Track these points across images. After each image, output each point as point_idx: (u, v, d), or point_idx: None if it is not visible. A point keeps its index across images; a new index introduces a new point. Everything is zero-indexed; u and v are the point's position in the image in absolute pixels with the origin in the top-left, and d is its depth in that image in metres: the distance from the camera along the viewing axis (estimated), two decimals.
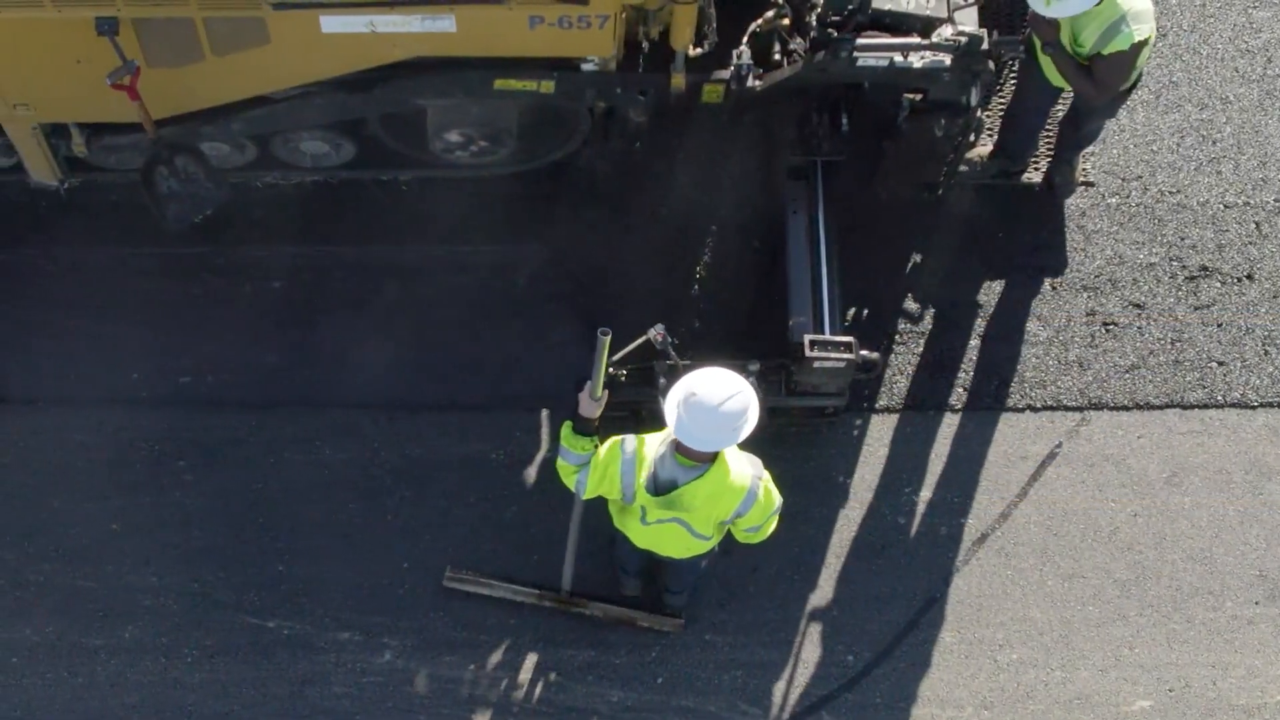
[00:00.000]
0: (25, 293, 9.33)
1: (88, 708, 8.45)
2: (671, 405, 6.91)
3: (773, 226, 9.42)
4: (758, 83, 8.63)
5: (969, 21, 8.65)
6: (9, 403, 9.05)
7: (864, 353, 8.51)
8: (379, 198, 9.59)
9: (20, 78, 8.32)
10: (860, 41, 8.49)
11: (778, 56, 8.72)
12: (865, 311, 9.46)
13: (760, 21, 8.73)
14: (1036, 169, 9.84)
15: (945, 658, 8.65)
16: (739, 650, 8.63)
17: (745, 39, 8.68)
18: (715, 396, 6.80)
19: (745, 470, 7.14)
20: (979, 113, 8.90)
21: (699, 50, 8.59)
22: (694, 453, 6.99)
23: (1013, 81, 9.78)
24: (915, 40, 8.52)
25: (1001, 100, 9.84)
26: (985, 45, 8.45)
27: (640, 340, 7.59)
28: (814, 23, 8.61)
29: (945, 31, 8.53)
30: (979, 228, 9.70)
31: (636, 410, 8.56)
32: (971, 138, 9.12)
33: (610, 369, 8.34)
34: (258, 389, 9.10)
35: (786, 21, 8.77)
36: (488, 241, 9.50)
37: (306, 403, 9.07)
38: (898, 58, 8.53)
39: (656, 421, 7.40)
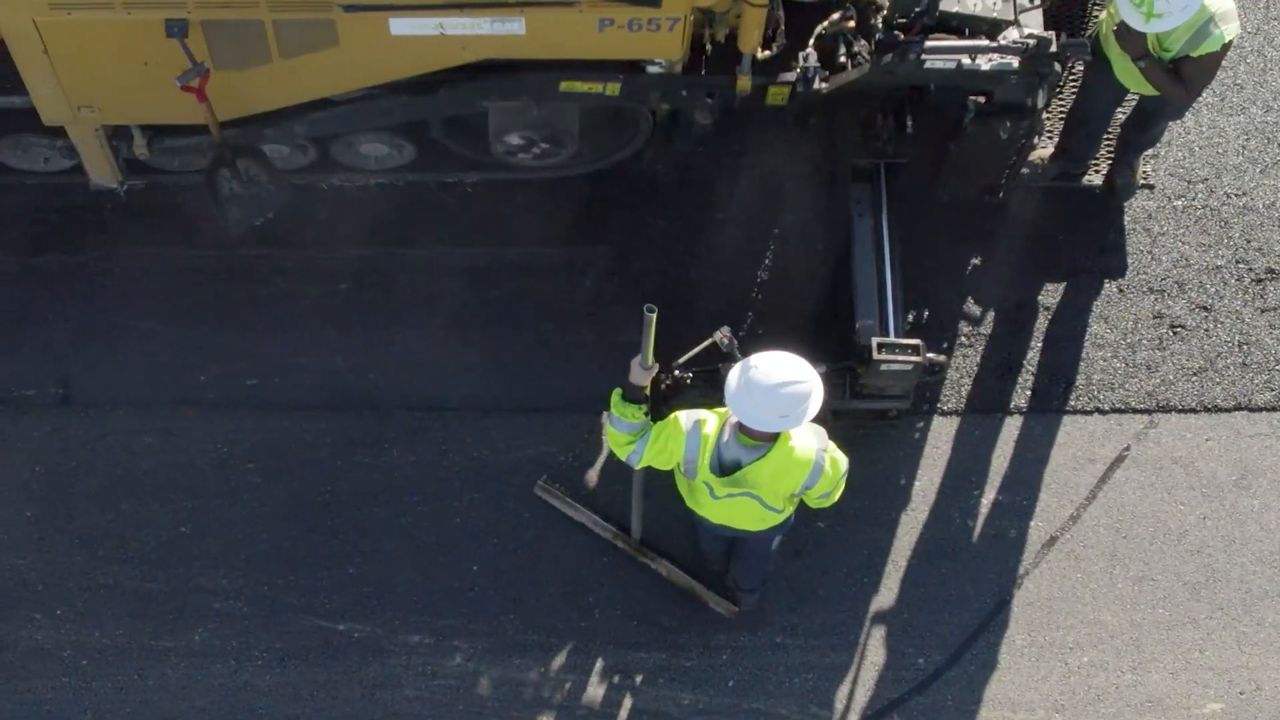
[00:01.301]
0: (91, 295, 9.33)
1: (158, 711, 8.46)
2: (730, 387, 6.95)
3: (834, 228, 9.42)
4: (824, 85, 8.63)
5: (1034, 24, 8.65)
6: (76, 405, 9.05)
7: (930, 355, 8.51)
8: (444, 200, 9.58)
9: (86, 80, 8.31)
10: (928, 44, 8.49)
11: (842, 59, 8.72)
12: (926, 314, 9.45)
13: (826, 24, 8.72)
14: (1097, 171, 9.81)
15: (1016, 660, 8.64)
16: (810, 653, 8.63)
17: (811, 41, 8.69)
18: (774, 379, 6.84)
19: (810, 443, 7.15)
20: (1042, 115, 8.91)
21: (767, 53, 8.60)
22: (755, 432, 7.01)
23: (1073, 84, 9.76)
24: (984, 43, 8.51)
25: (1061, 103, 9.82)
26: (1053, 48, 8.45)
27: (706, 343, 7.58)
28: (879, 25, 8.59)
29: (1011, 34, 8.53)
30: (1041, 230, 9.68)
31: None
32: (1034, 140, 9.14)
33: (677, 371, 8.44)
34: (326, 391, 9.10)
35: (852, 24, 8.77)
36: (553, 244, 9.50)
37: (375, 405, 9.07)
38: (965, 60, 8.51)
39: None
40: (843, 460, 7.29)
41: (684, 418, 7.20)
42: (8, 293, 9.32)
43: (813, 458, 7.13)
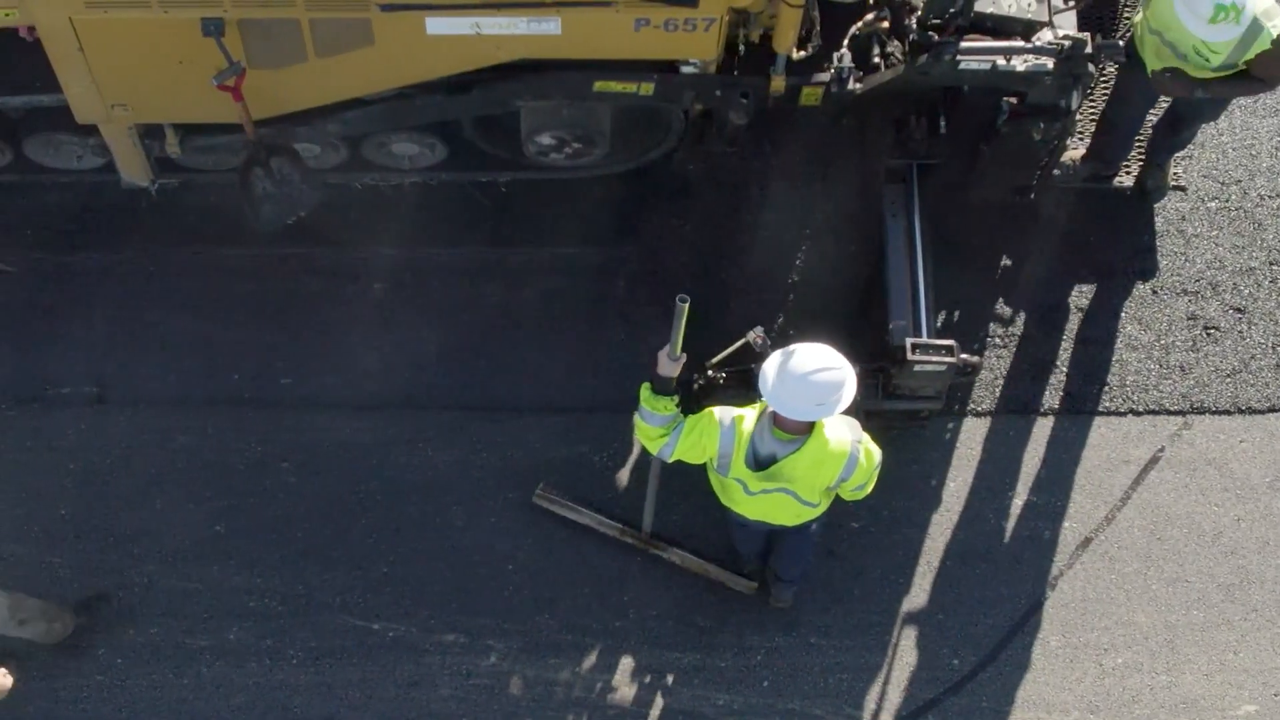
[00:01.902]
0: (125, 294, 9.35)
1: (193, 709, 8.47)
2: (766, 376, 6.97)
3: (866, 229, 9.41)
4: (858, 85, 8.63)
5: (1068, 25, 8.64)
6: (111, 404, 9.07)
7: (964, 356, 8.51)
8: (478, 200, 9.59)
9: (120, 78, 8.32)
10: (964, 45, 8.49)
11: (876, 59, 8.72)
12: (956, 314, 9.45)
13: (860, 24, 8.72)
14: (1128, 173, 9.80)
15: (1050, 662, 8.64)
16: (845, 654, 8.63)
17: (846, 41, 8.69)
18: (808, 366, 6.88)
19: (844, 436, 7.17)
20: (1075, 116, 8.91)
21: (802, 53, 8.60)
22: (790, 424, 7.03)
23: (1104, 86, 9.75)
24: (1019, 44, 8.51)
25: (1092, 104, 9.81)
26: (1089, 49, 8.45)
27: (740, 343, 7.59)
28: (914, 25, 8.60)
29: (1045, 35, 8.52)
30: (1073, 232, 9.68)
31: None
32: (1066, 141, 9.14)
33: (710, 371, 8.44)
34: (360, 390, 9.11)
35: (885, 25, 8.77)
36: (586, 244, 9.52)
37: (409, 404, 9.08)
38: (1000, 61, 8.51)
39: None
40: (876, 452, 7.31)
41: (718, 412, 7.21)
42: (43, 291, 9.35)
43: (847, 449, 7.15)
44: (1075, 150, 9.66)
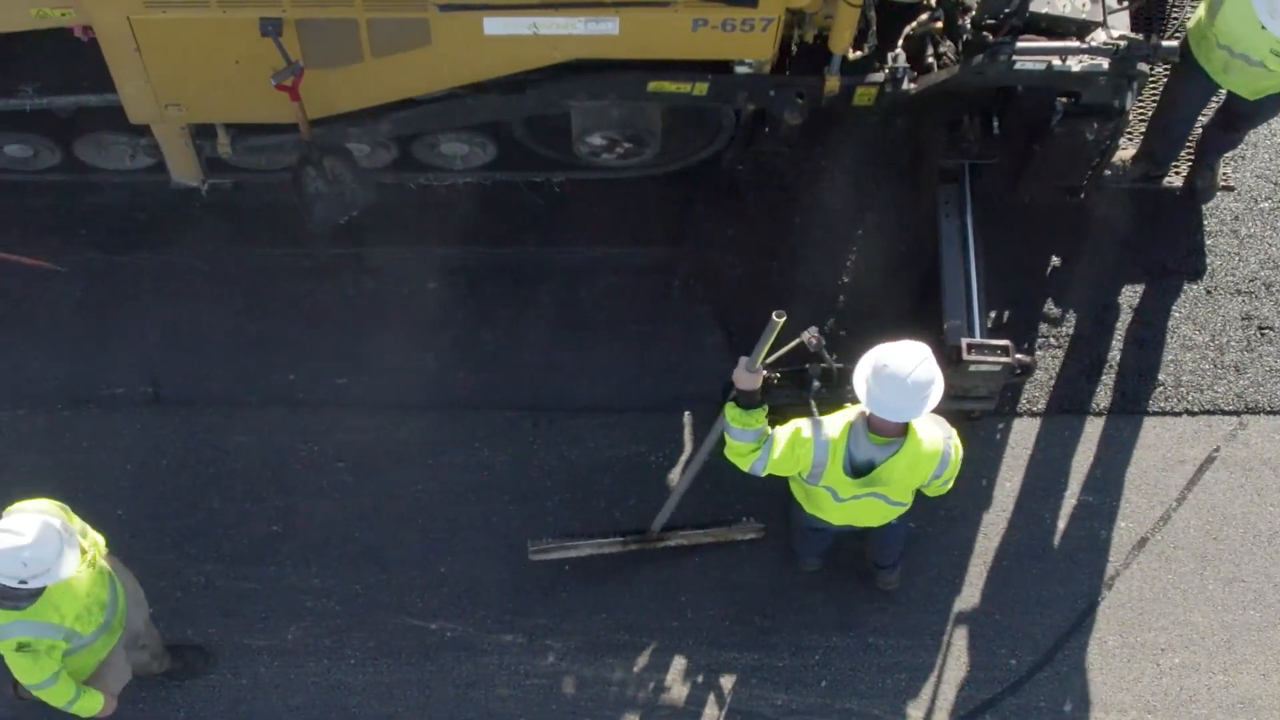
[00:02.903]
0: (180, 294, 9.37)
1: (250, 709, 8.49)
2: (861, 380, 6.99)
3: (917, 229, 9.41)
4: (913, 86, 8.63)
5: (1121, 25, 8.64)
6: (166, 404, 9.09)
7: (1019, 356, 8.50)
8: (531, 200, 9.60)
9: (176, 78, 8.33)
10: (1020, 45, 8.48)
11: (929, 59, 8.71)
12: (1006, 314, 9.44)
13: (914, 24, 8.72)
14: (1177, 173, 9.78)
15: (1108, 662, 8.63)
16: (902, 654, 8.63)
17: (900, 41, 8.69)
18: (905, 367, 6.92)
19: (936, 434, 7.24)
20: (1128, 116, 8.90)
21: (858, 53, 8.59)
22: (886, 427, 7.06)
23: (1153, 86, 9.74)
24: (1074, 44, 8.50)
25: (1141, 104, 9.80)
26: (1145, 50, 8.44)
27: (794, 343, 7.58)
28: (967, 25, 8.60)
29: (1099, 35, 8.52)
30: (1124, 232, 9.67)
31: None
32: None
33: (764, 371, 8.42)
34: (415, 390, 9.11)
35: (939, 25, 8.77)
36: (639, 244, 9.53)
37: (464, 404, 9.09)
38: (1055, 61, 8.51)
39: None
40: (960, 446, 7.39)
41: (805, 425, 7.21)
42: (97, 290, 9.37)
43: (940, 447, 7.22)
44: (1125, 150, 9.66)
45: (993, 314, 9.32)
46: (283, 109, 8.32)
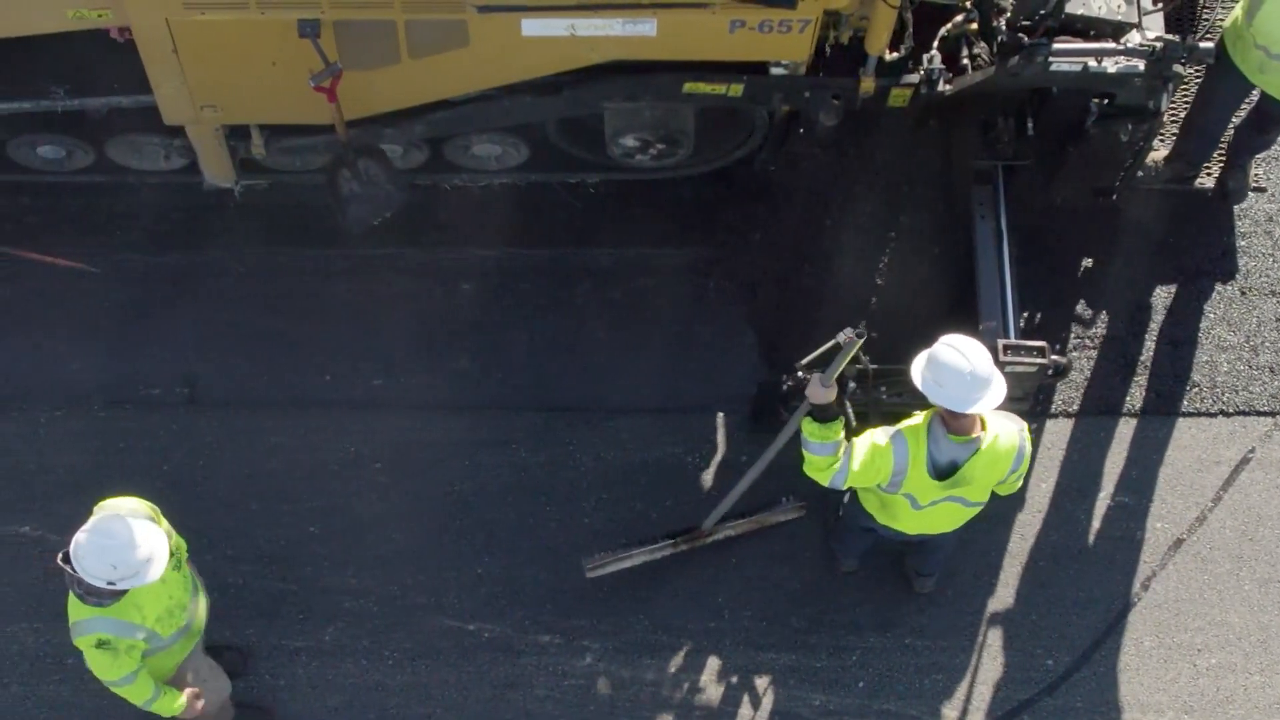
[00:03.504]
0: (215, 295, 9.37)
1: (289, 710, 8.49)
2: (928, 381, 6.99)
3: (950, 230, 9.42)
4: (948, 87, 8.63)
5: (1155, 26, 8.64)
6: (202, 405, 9.09)
7: (1054, 357, 8.50)
8: (565, 201, 9.61)
9: (212, 79, 8.33)
10: (1056, 46, 8.49)
11: (963, 61, 8.71)
12: (1039, 316, 9.45)
13: (950, 25, 8.72)
14: (1209, 174, 9.78)
15: (1144, 662, 8.65)
16: (939, 654, 8.65)
17: (935, 43, 8.69)
18: (969, 357, 6.95)
19: (1011, 429, 7.26)
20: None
21: (895, 54, 8.59)
22: (964, 425, 7.06)
23: (1184, 88, 9.75)
24: (1111, 45, 8.51)
25: (1174, 105, 9.80)
26: (1181, 51, 8.44)
27: (830, 344, 7.58)
28: (1003, 27, 8.60)
29: (1134, 37, 8.52)
30: (1157, 233, 9.68)
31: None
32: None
33: (800, 373, 8.43)
34: (452, 392, 9.12)
35: (974, 26, 8.77)
36: (673, 244, 9.53)
37: (501, 405, 9.09)
38: (1091, 63, 8.52)
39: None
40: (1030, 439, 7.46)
41: (881, 433, 7.20)
42: (132, 292, 9.37)
43: (1016, 441, 7.25)
44: (1158, 151, 9.66)
45: (1025, 315, 9.33)
46: (319, 110, 8.32)
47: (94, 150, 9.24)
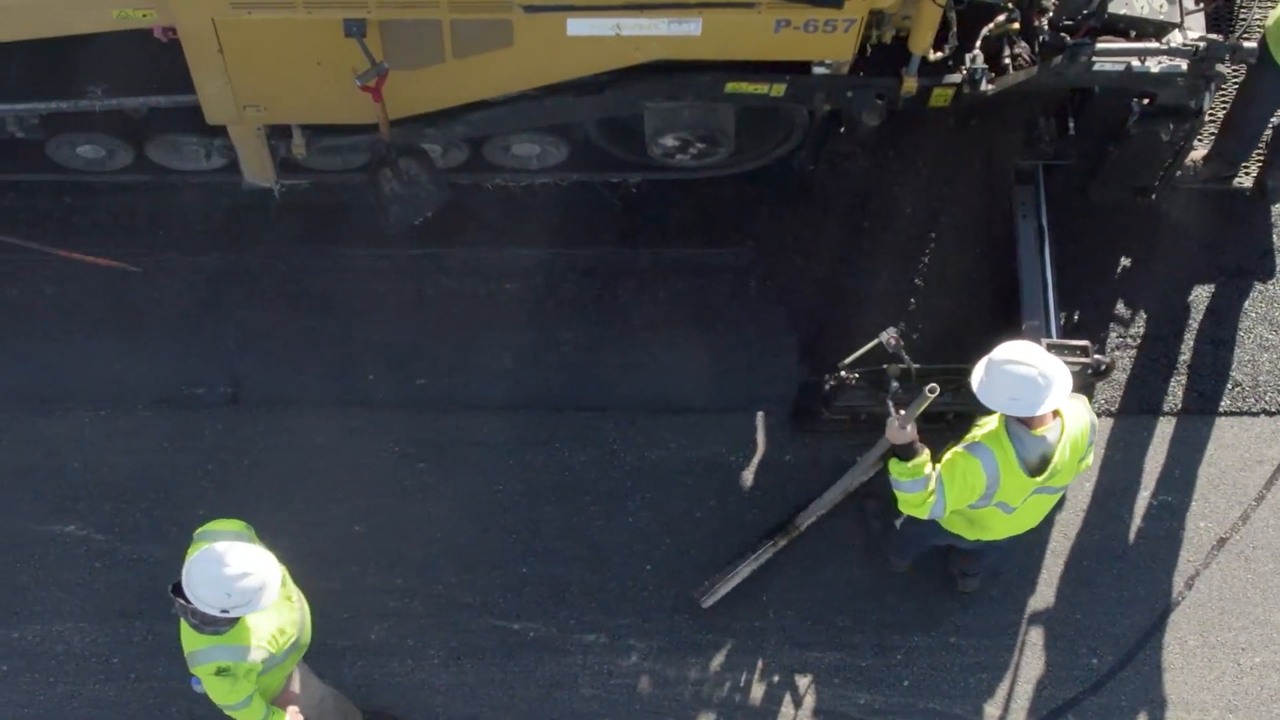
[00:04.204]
0: (258, 294, 9.38)
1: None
2: (1001, 401, 7.01)
3: (991, 229, 9.42)
4: (991, 87, 8.63)
5: (1197, 25, 8.65)
6: (247, 404, 9.11)
7: (1098, 356, 8.51)
8: (608, 199, 9.61)
9: (256, 79, 8.34)
10: (1099, 46, 8.50)
11: (1005, 60, 8.71)
12: (1077, 315, 9.45)
13: (992, 25, 8.72)
14: (1247, 173, 9.80)
15: (1189, 661, 8.66)
16: (983, 653, 8.66)
17: (978, 42, 8.69)
18: (1027, 363, 6.96)
19: (1076, 406, 7.31)
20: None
21: (939, 54, 8.59)
22: (1044, 418, 7.09)
23: (1225, 88, 9.74)
24: (1154, 45, 8.51)
25: (1213, 104, 9.79)
26: (1223, 51, 8.45)
27: (872, 344, 7.62)
28: (1045, 26, 8.61)
29: (1176, 36, 8.53)
30: (1197, 232, 9.68)
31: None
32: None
33: (843, 373, 8.45)
34: (495, 391, 9.14)
35: (1016, 26, 8.77)
36: (715, 244, 9.53)
37: (545, 405, 9.11)
38: (1134, 62, 8.53)
39: None
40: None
41: (960, 453, 7.20)
42: (176, 291, 9.37)
43: (1086, 418, 7.31)
44: (1196, 150, 9.67)
45: (1063, 314, 9.32)
46: (363, 110, 8.33)
47: (133, 150, 9.26)
